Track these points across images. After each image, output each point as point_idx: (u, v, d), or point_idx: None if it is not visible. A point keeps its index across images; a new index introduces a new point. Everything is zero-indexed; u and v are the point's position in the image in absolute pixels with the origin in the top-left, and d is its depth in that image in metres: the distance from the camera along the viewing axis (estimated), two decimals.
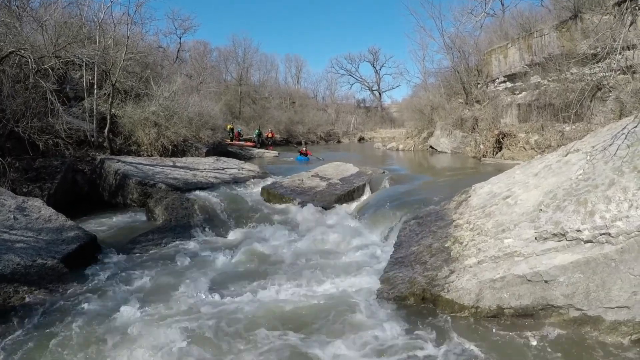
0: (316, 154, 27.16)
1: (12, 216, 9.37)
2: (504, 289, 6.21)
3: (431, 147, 31.66)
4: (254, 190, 15.90)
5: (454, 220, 8.72)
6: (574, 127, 18.76)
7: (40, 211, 9.96)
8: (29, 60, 13.42)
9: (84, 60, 17.22)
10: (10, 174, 11.87)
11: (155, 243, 10.70)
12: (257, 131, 36.56)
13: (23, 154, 13.54)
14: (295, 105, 59.53)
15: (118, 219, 13.35)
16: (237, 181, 17.07)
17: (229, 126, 34.39)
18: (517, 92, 26.41)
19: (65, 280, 8.14)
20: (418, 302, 6.82)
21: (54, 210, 10.17)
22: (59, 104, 14.33)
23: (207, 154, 22.32)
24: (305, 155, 27.06)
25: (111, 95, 18.95)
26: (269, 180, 17.43)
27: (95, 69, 18.86)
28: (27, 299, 7.30)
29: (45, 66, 14.82)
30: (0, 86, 13.55)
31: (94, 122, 18.30)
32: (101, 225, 12.52)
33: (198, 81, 36.23)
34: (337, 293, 7.64)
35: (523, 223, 7.10)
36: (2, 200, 9.74)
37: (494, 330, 6.00)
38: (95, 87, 18.83)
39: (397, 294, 7.02)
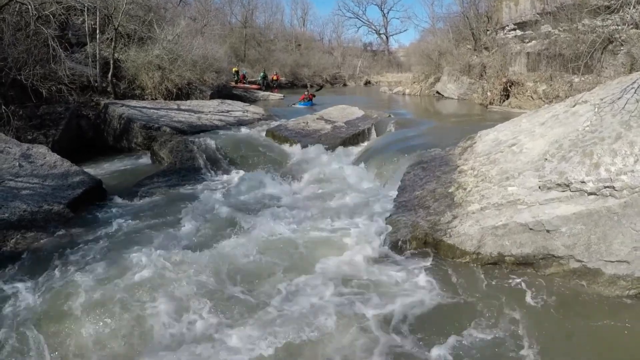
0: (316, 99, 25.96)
1: (17, 164, 9.40)
2: (506, 237, 6.25)
3: (438, 92, 31.28)
4: (259, 132, 15.85)
5: (458, 166, 8.68)
6: (583, 78, 18.42)
7: (45, 158, 9.99)
8: (29, 7, 13.25)
9: (86, 5, 17.00)
10: (14, 121, 11.89)
11: (160, 186, 10.79)
12: (262, 74, 36.17)
13: (26, 101, 13.48)
14: (301, 48, 58.52)
15: (123, 163, 13.47)
16: (241, 124, 17.02)
17: (234, 69, 34.01)
18: (527, 40, 25.72)
19: (71, 224, 8.26)
20: (420, 246, 6.88)
21: (58, 156, 10.19)
22: (61, 50, 14.24)
23: (212, 97, 22.16)
24: (309, 99, 24.82)
25: (114, 39, 18.69)
26: (273, 123, 17.35)
27: (97, 13, 18.49)
28: (34, 244, 7.43)
29: (46, 12, 14.66)
30: (1, 34, 13.41)
31: (97, 67, 18.10)
32: (106, 169, 12.66)
33: (202, 24, 35.61)
34: (339, 234, 7.76)
35: (527, 172, 7.08)
36: (7, 148, 9.76)
37: (494, 276, 6.08)
38: (97, 32, 18.51)
39: (400, 238, 7.05)
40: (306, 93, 25.30)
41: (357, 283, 6.18)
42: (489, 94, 24.04)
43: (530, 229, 6.06)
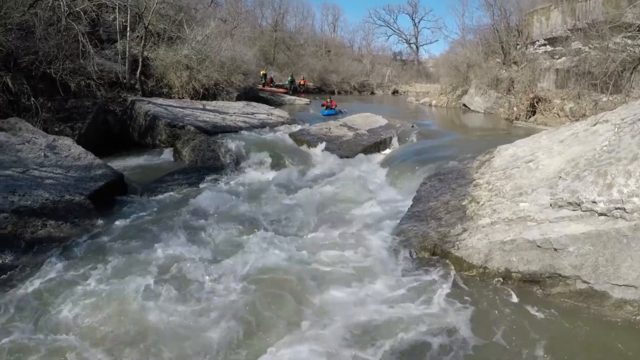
0: (342, 105, 25.76)
1: (42, 154, 9.64)
2: (514, 252, 6.18)
3: (464, 105, 31.08)
4: (282, 136, 15.96)
5: (474, 180, 8.64)
6: (611, 98, 18.16)
7: (70, 149, 10.21)
8: (61, 3, 13.59)
9: (117, 3, 17.34)
10: (42, 113, 12.20)
11: (180, 183, 11.00)
12: (290, 78, 36.43)
13: (55, 94, 13.78)
14: (330, 54, 58.62)
15: (146, 159, 13.72)
16: (265, 126, 17.21)
17: (262, 72, 34.26)
18: (557, 56, 25.43)
19: (91, 216, 8.42)
20: (429, 257, 6.86)
21: (83, 149, 10.42)
22: (90, 47, 14.55)
23: (238, 99, 22.44)
24: (332, 107, 23.40)
25: (144, 38, 19.09)
26: (297, 127, 17.49)
27: (128, 11, 18.91)
28: (53, 233, 7.59)
29: (77, 9, 14.98)
30: (33, 29, 13.72)
31: (126, 64, 18.49)
32: (129, 164, 12.89)
33: (232, 26, 35.86)
34: (352, 241, 7.80)
35: (541, 188, 6.99)
36: (34, 139, 10.01)
37: (499, 292, 6.00)
38: (128, 29, 18.90)
39: (409, 247, 7.08)
40: (328, 100, 24.15)
41: (362, 288, 6.29)
42: (515, 109, 23.78)
43: (538, 246, 5.98)
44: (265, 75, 34.35)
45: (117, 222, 8.46)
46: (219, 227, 8.28)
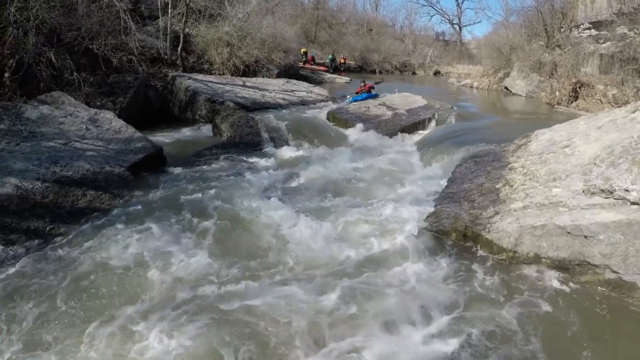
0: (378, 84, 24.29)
1: (84, 127, 9.85)
2: (544, 238, 6.12)
3: (506, 88, 30.45)
4: (320, 113, 16.00)
5: (509, 163, 8.63)
6: None
7: (111, 123, 10.39)
8: None
9: None
10: (84, 88, 12.42)
11: (218, 157, 11.11)
12: (330, 56, 36.23)
13: (97, 69, 14.03)
14: (372, 33, 57.87)
15: (185, 134, 13.92)
16: (304, 104, 17.26)
17: (303, 50, 34.17)
18: (601, 41, 24.63)
19: (130, 187, 8.63)
20: (459, 238, 6.87)
21: (123, 122, 10.60)
22: (132, 23, 14.69)
23: (278, 76, 22.47)
24: (369, 91, 18.78)
25: (185, 14, 19.21)
26: (336, 105, 17.46)
27: None
28: (93, 202, 7.84)
29: None
30: (76, 6, 13.94)
31: (168, 40, 18.73)
32: (169, 138, 13.09)
33: (273, 3, 35.79)
34: (385, 219, 7.88)
35: (575, 174, 6.92)
36: (76, 112, 10.22)
37: (528, 276, 5.96)
38: (169, 6, 19.06)
39: (441, 228, 7.11)
40: (362, 84, 19.60)
41: (390, 267, 6.35)
42: (557, 93, 23.21)
43: (568, 232, 5.91)
44: (305, 53, 34.23)
45: (155, 194, 8.68)
46: (255, 200, 8.40)
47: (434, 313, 5.26)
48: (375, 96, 18.29)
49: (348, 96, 19.24)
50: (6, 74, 10.98)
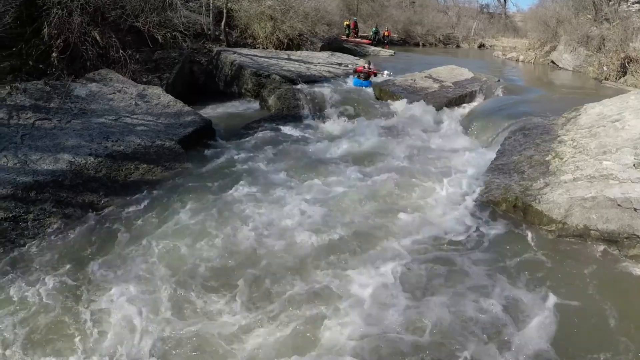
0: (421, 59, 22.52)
1: (133, 102, 9.86)
2: (593, 210, 6.06)
3: (552, 62, 29.54)
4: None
5: (558, 136, 8.65)
6: None
7: (159, 98, 10.38)
8: None
9: None
10: (130, 65, 12.43)
11: (266, 129, 11.07)
12: (374, 29, 35.76)
13: (142, 46, 14.02)
14: (415, 6, 57.00)
15: (232, 107, 13.86)
16: (349, 76, 16.97)
17: (346, 22, 33.80)
18: None
19: (181, 160, 8.63)
20: (509, 209, 6.95)
21: (172, 97, 10.56)
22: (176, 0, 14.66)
23: (322, 49, 22.17)
24: (367, 77, 15.77)
25: None
26: (381, 78, 17.16)
27: None
28: (145, 175, 7.88)
29: None
30: None
31: (211, 16, 18.68)
32: (216, 112, 13.08)
33: None
34: (434, 189, 7.96)
35: (625, 148, 6.94)
36: (124, 88, 10.24)
37: (577, 248, 5.93)
38: None
39: (491, 198, 7.25)
40: (365, 66, 16.35)
41: (442, 235, 6.48)
42: (605, 68, 22.30)
43: (619, 205, 5.87)
44: (348, 26, 33.86)
45: (206, 166, 8.73)
46: (304, 171, 8.48)
47: (487, 281, 5.32)
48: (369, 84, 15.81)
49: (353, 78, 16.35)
50: (53, 54, 11.11)
